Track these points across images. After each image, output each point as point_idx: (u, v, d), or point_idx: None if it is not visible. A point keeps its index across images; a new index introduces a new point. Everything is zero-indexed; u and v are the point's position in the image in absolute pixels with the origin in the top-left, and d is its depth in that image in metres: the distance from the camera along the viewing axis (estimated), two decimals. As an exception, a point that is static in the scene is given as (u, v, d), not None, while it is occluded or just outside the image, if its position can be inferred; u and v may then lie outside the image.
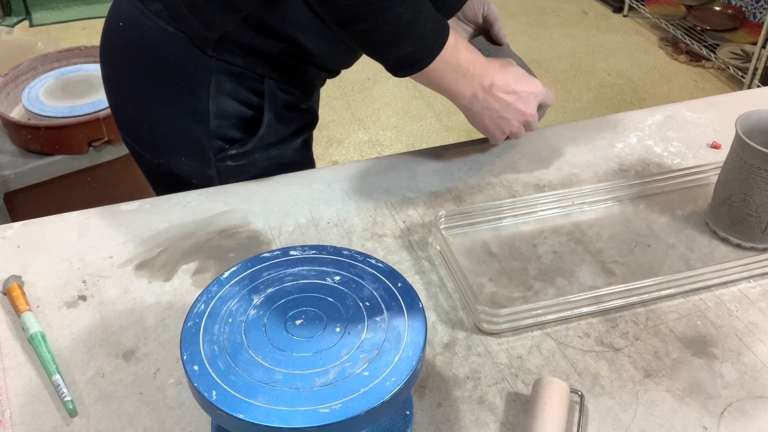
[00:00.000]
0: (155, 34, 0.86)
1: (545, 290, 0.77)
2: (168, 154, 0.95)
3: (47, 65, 1.88)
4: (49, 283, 0.78)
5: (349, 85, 2.96)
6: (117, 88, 0.96)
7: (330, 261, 0.62)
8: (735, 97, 1.15)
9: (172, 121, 0.92)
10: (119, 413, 0.64)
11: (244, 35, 0.85)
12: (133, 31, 0.89)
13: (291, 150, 0.98)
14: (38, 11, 3.50)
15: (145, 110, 0.93)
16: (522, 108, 0.90)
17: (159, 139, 0.94)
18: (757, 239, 0.82)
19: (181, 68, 0.87)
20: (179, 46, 0.86)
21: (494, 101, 0.88)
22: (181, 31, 0.85)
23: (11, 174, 1.65)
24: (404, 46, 0.80)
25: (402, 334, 0.55)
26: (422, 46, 0.81)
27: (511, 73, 0.90)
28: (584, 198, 0.89)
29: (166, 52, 0.87)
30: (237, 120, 0.92)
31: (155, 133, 0.94)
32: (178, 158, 0.94)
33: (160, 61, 0.88)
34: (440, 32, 0.82)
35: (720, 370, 0.69)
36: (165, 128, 0.93)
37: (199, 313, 0.57)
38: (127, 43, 0.90)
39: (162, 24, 0.86)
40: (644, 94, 2.93)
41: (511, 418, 0.64)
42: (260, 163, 0.95)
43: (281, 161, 0.97)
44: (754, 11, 3.20)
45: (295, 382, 0.51)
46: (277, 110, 0.93)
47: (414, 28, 0.79)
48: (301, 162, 1.02)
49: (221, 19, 0.83)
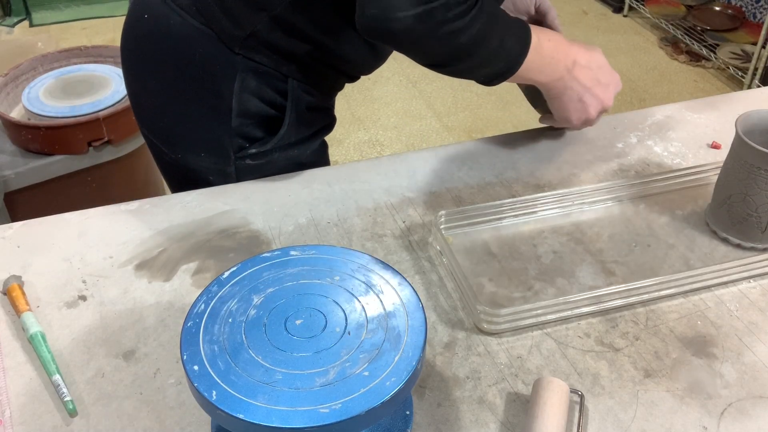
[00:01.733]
0: (182, 29, 0.86)
1: (545, 290, 0.77)
2: (187, 149, 0.94)
3: (47, 65, 1.88)
4: (49, 283, 0.78)
5: (349, 85, 2.96)
6: (138, 81, 0.96)
7: (330, 261, 0.62)
8: (735, 97, 1.15)
9: (193, 117, 0.91)
10: (119, 413, 0.64)
11: (272, 35, 0.85)
12: (159, 24, 0.88)
13: (309, 151, 0.98)
14: (38, 11, 3.50)
15: (166, 104, 0.93)
16: (601, 95, 0.91)
17: (178, 135, 0.94)
18: (757, 239, 0.82)
19: (207, 64, 0.87)
20: (206, 42, 0.86)
21: (576, 83, 0.89)
22: (208, 27, 0.85)
23: (11, 174, 1.65)
24: (496, 67, 0.83)
25: (402, 334, 0.55)
26: (510, 60, 0.83)
27: (594, 57, 0.91)
28: (584, 198, 0.89)
29: (192, 47, 0.87)
30: (259, 119, 0.92)
31: (175, 128, 0.94)
32: (197, 154, 0.94)
33: (184, 55, 0.88)
34: (523, 40, 0.83)
35: (720, 370, 0.69)
36: (186, 124, 0.93)
37: (199, 313, 0.57)
38: (151, 35, 0.90)
39: (189, 19, 0.85)
40: (644, 94, 2.93)
41: (511, 418, 0.64)
42: (279, 162, 0.95)
43: (299, 161, 0.97)
44: (754, 11, 3.20)
45: (295, 382, 0.51)
46: (300, 111, 0.93)
47: (501, 51, 0.81)
48: (319, 163, 1.02)
49: (250, 17, 0.83)
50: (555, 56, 0.87)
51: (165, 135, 0.96)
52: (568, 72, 0.89)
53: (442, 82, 3.00)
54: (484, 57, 0.80)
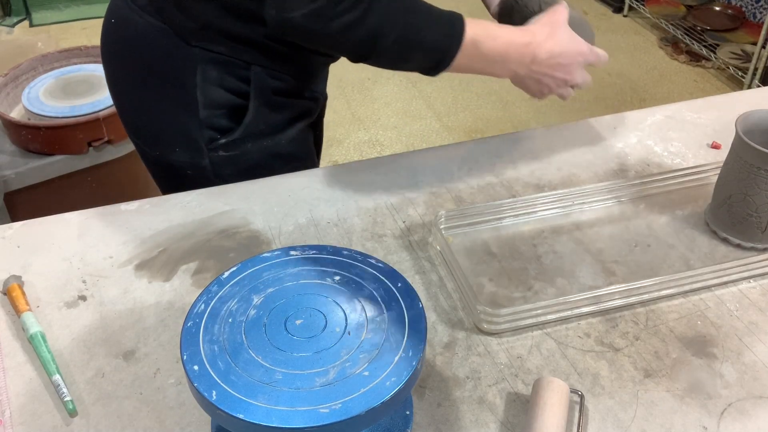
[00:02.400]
0: (144, 29, 0.90)
1: (545, 290, 0.77)
2: (164, 146, 0.96)
3: (47, 65, 1.88)
4: (49, 283, 0.78)
5: (349, 85, 2.96)
6: (116, 85, 0.99)
7: (330, 261, 0.62)
8: (735, 97, 1.15)
9: (164, 113, 0.94)
10: (119, 413, 0.64)
11: (225, 23, 0.86)
12: (125, 28, 0.92)
13: (286, 140, 0.98)
14: (38, 11, 3.50)
15: (141, 104, 0.96)
16: (563, 77, 0.89)
17: (154, 132, 0.97)
18: (757, 239, 0.82)
19: (169, 60, 0.89)
20: (165, 39, 0.88)
21: (535, 74, 0.88)
22: (165, 24, 0.88)
23: (11, 174, 1.65)
24: (422, 61, 0.82)
25: (402, 334, 0.55)
26: (435, 56, 0.82)
27: (557, 43, 0.87)
28: (584, 198, 0.89)
29: (155, 45, 0.89)
30: (226, 109, 0.92)
31: (151, 126, 0.96)
32: (172, 150, 0.96)
33: (150, 54, 0.90)
34: (451, 36, 0.82)
35: (720, 370, 0.69)
36: (159, 120, 0.95)
37: (199, 313, 0.57)
38: (120, 39, 0.94)
39: (149, 18, 0.89)
40: (644, 94, 2.93)
41: (511, 418, 0.64)
42: (253, 153, 0.95)
43: (276, 151, 0.97)
44: (754, 11, 3.19)
45: (295, 382, 0.51)
46: (266, 97, 0.92)
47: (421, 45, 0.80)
48: (301, 154, 1.01)
49: (201, 8, 0.85)
50: (506, 55, 0.85)
51: (144, 134, 0.99)
52: (526, 67, 0.87)
53: (442, 82, 2.99)
54: (397, 51, 0.80)
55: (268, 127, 0.95)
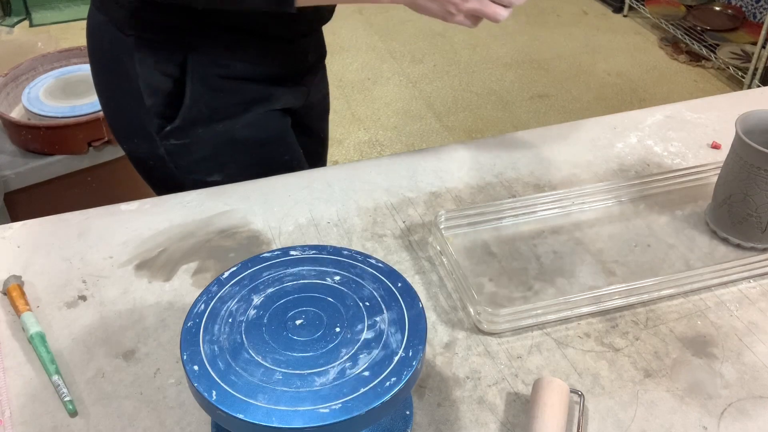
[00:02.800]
0: (94, 25, 0.94)
1: (545, 290, 0.77)
2: (126, 138, 0.99)
3: (47, 65, 1.88)
4: (49, 283, 0.78)
5: (349, 85, 2.96)
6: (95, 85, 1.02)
7: (330, 261, 0.62)
8: (735, 97, 1.15)
9: (119, 105, 0.96)
10: (119, 413, 0.64)
11: (149, 10, 0.87)
12: (90, 28, 0.96)
13: (241, 125, 0.96)
14: (38, 11, 3.50)
15: (105, 99, 0.99)
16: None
17: (117, 125, 1.00)
18: (757, 239, 0.82)
19: (113, 51, 0.92)
20: (108, 31, 0.91)
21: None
22: (106, 16, 0.91)
23: (11, 174, 1.65)
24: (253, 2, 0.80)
25: (402, 334, 0.55)
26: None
27: None
28: (584, 198, 0.89)
29: (102, 38, 0.93)
30: (167, 96, 0.93)
31: (114, 119, 1.00)
32: (132, 141, 0.98)
33: (100, 49, 0.95)
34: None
35: (720, 370, 0.69)
36: (117, 113, 0.98)
37: (199, 313, 0.57)
38: (89, 40, 0.98)
39: (97, 13, 0.93)
40: (644, 94, 2.93)
41: (511, 418, 0.64)
42: (207, 140, 0.95)
43: (232, 136, 0.96)
44: (754, 11, 3.20)
45: (295, 382, 0.51)
46: (205, 80, 0.91)
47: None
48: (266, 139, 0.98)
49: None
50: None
51: (113, 128, 1.01)
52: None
53: (442, 82, 3.00)
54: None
55: (214, 112, 0.94)
